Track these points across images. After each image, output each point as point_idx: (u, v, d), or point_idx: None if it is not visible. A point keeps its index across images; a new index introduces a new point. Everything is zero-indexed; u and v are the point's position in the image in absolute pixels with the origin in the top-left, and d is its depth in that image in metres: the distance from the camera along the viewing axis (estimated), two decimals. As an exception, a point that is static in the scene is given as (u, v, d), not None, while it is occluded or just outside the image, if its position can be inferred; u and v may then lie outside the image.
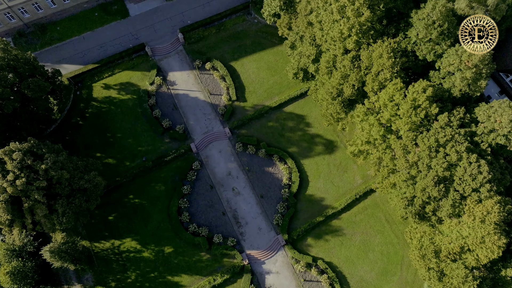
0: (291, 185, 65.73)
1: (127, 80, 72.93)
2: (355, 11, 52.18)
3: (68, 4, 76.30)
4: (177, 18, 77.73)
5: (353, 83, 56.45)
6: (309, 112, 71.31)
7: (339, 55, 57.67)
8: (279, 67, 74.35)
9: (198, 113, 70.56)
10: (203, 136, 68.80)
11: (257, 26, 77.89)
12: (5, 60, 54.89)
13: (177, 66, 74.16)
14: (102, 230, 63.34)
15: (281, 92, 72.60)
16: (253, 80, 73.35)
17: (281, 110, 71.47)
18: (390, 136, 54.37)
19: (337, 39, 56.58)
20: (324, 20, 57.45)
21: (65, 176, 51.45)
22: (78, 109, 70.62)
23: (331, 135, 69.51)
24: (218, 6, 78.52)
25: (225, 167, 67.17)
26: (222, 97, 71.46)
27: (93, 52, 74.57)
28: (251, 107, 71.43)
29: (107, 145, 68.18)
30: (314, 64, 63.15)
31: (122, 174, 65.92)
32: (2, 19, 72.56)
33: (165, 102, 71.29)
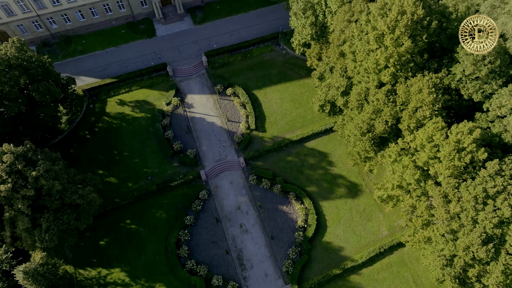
0: (306, 228, 58.07)
1: (143, 98, 69.55)
2: (394, 40, 47.66)
3: (97, 19, 75.72)
4: (203, 42, 75.64)
5: (386, 118, 50.59)
6: (332, 150, 65.12)
7: (372, 87, 52.50)
8: (304, 100, 69.66)
9: (213, 139, 65.49)
10: (215, 164, 63.12)
11: (285, 57, 74.66)
12: (18, 59, 52.23)
13: (197, 89, 70.63)
14: (90, 255, 56.51)
15: (304, 126, 67.21)
16: (275, 110, 68.59)
17: (302, 145, 65.63)
18: (427, 181, 47.17)
19: (371, 70, 51.77)
20: (358, 50, 53.12)
21: (56, 187, 46.07)
22: (88, 122, 66.96)
23: (356, 177, 62.52)
24: (246, 35, 76.33)
25: (235, 200, 60.53)
26: (240, 125, 66.59)
27: (114, 67, 72.35)
28: (270, 139, 65.98)
29: (111, 162, 63.28)
30: (343, 97, 58.06)
31: (122, 196, 60.16)
32: (29, 27, 72.01)
33: (179, 124, 66.87)
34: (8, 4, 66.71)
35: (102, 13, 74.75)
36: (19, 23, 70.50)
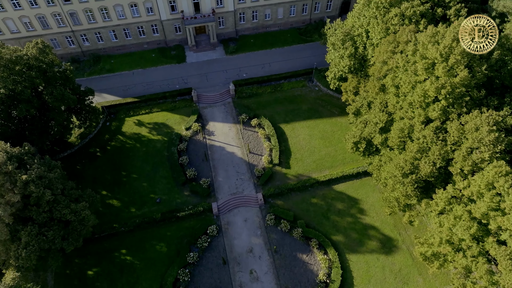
0: (328, 284, 48.42)
1: (163, 121, 65.36)
2: (447, 70, 41.66)
3: (129, 41, 74.95)
4: (233, 71, 72.51)
5: (434, 159, 42.95)
6: (364, 196, 56.87)
7: (418, 123, 45.63)
8: (335, 139, 63.15)
9: (231, 170, 59.10)
10: (230, 197, 56.05)
11: (317, 93, 69.77)
12: (37, 60, 49.70)
13: (221, 117, 65.96)
14: (75, 286, 48.78)
15: (333, 167, 59.97)
16: (302, 147, 62.17)
17: (330, 187, 57.91)
18: (486, 238, 37.97)
19: (417, 104, 45.32)
20: (403, 81, 47.24)
21: (46, 196, 40.24)
22: (102, 140, 62.76)
23: (391, 230, 53.34)
24: (278, 69, 72.83)
25: (248, 241, 52.36)
26: (263, 158, 60.23)
27: (138, 88, 69.63)
28: (294, 176, 58.83)
29: (117, 183, 57.59)
30: (382, 134, 51.23)
31: (122, 221, 53.50)
32: (62, 41, 71.72)
33: (196, 150, 61.39)
34: (45, 16, 66.95)
35: (135, 35, 74.04)
36: (53, 37, 70.36)
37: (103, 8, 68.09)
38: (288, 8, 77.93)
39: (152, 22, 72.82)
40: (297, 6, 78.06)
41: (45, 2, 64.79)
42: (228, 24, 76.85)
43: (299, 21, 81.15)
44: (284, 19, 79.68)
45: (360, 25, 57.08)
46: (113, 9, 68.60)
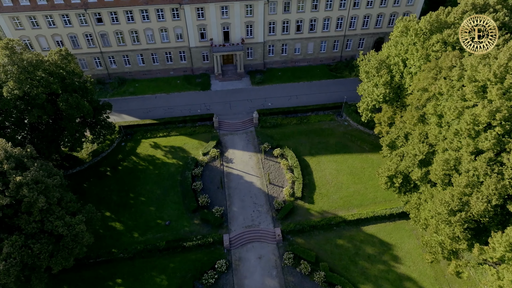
0: None
1: (180, 145, 61.68)
2: (502, 93, 36.40)
3: (156, 66, 74.35)
4: (258, 101, 69.48)
5: (488, 195, 36.12)
6: (399, 242, 49.19)
7: (466, 154, 39.46)
8: (365, 176, 56.97)
9: (247, 200, 53.39)
10: (244, 230, 49.80)
11: (346, 128, 64.94)
12: (58, 67, 48.18)
13: (241, 145, 61.69)
14: (58, 317, 42.43)
15: (362, 205, 53.23)
16: (328, 181, 56.18)
17: (358, 228, 50.78)
18: None
19: (465, 133, 39.55)
20: (447, 108, 41.96)
21: (39, 203, 35.80)
22: (114, 159, 59.27)
23: (432, 284, 44.78)
24: (305, 101, 69.27)
25: (261, 281, 45.08)
26: (284, 190, 54.47)
27: (159, 111, 67.27)
28: (318, 213, 52.30)
29: (123, 206, 52.82)
30: (421, 168, 44.97)
31: (122, 246, 47.89)
32: (90, 62, 71.79)
33: (212, 176, 56.52)
34: (77, 36, 67.61)
35: (162, 60, 73.45)
36: (82, 57, 70.55)
37: (134, 31, 68.33)
38: (319, 44, 76.24)
39: (180, 49, 72.31)
40: (328, 42, 76.31)
41: (78, 22, 65.62)
42: (257, 56, 75.45)
43: (329, 58, 78.99)
44: (314, 54, 77.77)
45: (397, 53, 53.51)
46: (143, 32, 68.73)
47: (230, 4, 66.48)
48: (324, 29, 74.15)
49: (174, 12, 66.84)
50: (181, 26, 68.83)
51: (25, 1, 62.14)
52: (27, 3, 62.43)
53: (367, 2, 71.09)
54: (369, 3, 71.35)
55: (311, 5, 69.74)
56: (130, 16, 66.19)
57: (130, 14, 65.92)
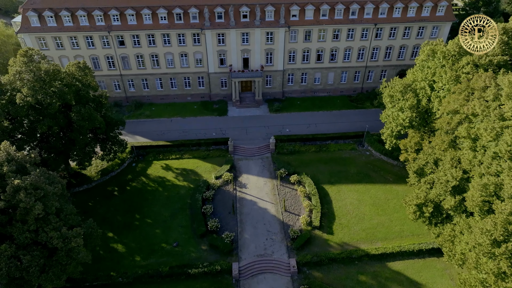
0: None
1: (192, 168, 59.03)
2: (547, 109, 32.86)
3: (174, 91, 74.02)
4: (275, 128, 67.18)
5: (538, 224, 31.35)
6: (430, 282, 43.42)
7: (509, 177, 35.13)
8: (389, 208, 52.31)
9: (260, 228, 49.21)
10: (255, 259, 45.22)
11: (368, 158, 61.23)
12: (74, 79, 47.59)
13: (256, 170, 58.54)
14: None
15: (387, 239, 48.16)
16: (349, 212, 51.70)
17: (383, 264, 45.44)
18: None
19: (505, 155, 35.62)
20: (484, 129, 38.34)
21: (36, 210, 33.03)
22: (123, 179, 56.85)
23: (471, 332, 38.45)
24: (325, 130, 66.43)
25: (272, 318, 39.81)
26: (300, 218, 50.22)
27: (173, 134, 65.60)
28: (338, 244, 47.44)
29: (127, 227, 49.44)
30: (455, 196, 40.49)
31: (122, 270, 43.87)
32: (109, 84, 72.07)
33: (223, 201, 53.00)
34: (98, 58, 68.46)
35: (180, 85, 73.15)
36: (102, 79, 70.98)
37: (154, 54, 68.81)
38: (339, 74, 74.87)
39: (199, 74, 72.08)
40: (349, 73, 74.89)
41: (101, 44, 66.66)
42: (275, 84, 74.36)
43: (350, 89, 77.17)
44: (334, 84, 76.18)
45: (423, 77, 51.02)
46: (164, 56, 69.09)
47: (251, 30, 66.65)
48: (345, 59, 73.07)
49: (196, 37, 67.35)
50: (201, 51, 69.00)
51: (52, 22, 63.91)
52: (54, 24, 64.14)
53: (389, 33, 70.23)
54: (392, 34, 70.44)
55: (332, 35, 69.27)
56: (151, 40, 66.93)
57: (152, 38, 66.70)
